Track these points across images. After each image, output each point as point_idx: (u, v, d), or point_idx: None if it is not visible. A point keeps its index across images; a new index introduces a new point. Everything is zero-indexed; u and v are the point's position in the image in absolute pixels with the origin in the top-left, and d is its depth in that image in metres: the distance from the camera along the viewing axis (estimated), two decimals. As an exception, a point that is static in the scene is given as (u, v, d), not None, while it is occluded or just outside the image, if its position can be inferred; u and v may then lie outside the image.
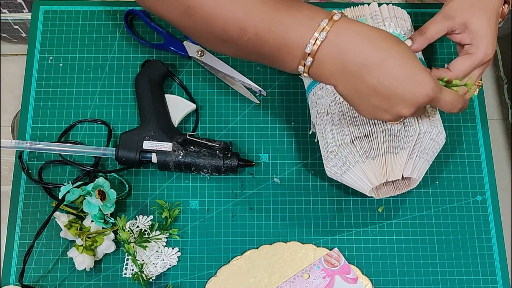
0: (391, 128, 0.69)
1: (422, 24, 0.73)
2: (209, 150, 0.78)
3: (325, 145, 0.74)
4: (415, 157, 0.71)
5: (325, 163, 0.75)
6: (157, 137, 0.78)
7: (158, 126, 0.79)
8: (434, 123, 0.71)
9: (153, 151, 0.78)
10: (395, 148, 0.70)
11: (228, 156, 0.78)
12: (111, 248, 0.76)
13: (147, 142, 0.78)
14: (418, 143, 0.70)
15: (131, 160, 0.78)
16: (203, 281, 0.77)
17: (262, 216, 0.80)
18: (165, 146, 0.78)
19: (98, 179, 0.76)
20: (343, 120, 0.71)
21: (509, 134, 1.62)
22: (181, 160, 0.77)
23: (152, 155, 0.78)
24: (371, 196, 0.74)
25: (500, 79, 1.69)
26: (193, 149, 0.78)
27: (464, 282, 0.78)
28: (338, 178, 0.75)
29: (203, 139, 0.79)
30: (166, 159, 0.77)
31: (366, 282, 0.77)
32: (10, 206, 0.80)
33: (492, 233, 0.81)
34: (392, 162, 0.71)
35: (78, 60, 0.87)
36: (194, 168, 0.78)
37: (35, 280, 0.76)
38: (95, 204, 0.74)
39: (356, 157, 0.71)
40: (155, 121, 0.79)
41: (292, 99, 0.86)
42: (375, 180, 0.71)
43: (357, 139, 0.70)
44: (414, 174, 0.72)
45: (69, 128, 0.83)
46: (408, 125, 0.69)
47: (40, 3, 0.90)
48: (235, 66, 0.87)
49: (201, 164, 0.78)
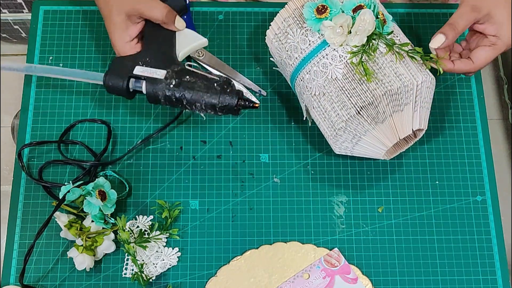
0: (391, 89, 0.70)
1: (421, 24, 0.73)
2: (206, 82, 0.68)
3: (330, 125, 0.74)
4: (419, 108, 0.72)
5: (333, 142, 0.75)
6: (153, 63, 0.70)
7: (157, 51, 0.70)
8: (424, 71, 0.73)
9: (143, 78, 0.69)
10: (399, 106, 0.71)
11: (227, 91, 0.68)
12: (111, 248, 0.76)
13: (140, 68, 0.69)
14: (418, 95, 0.72)
15: (118, 88, 0.69)
16: (203, 281, 0.77)
17: (262, 216, 0.80)
18: (158, 73, 0.68)
19: (98, 179, 0.76)
20: (342, 95, 0.72)
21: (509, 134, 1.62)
22: (172, 91, 0.68)
23: (142, 84, 0.70)
24: (383, 159, 0.75)
25: (500, 79, 1.69)
26: (187, 79, 0.68)
27: (464, 282, 0.78)
28: (349, 151, 0.76)
29: (203, 72, 0.70)
30: (156, 88, 0.68)
31: (366, 282, 0.77)
32: (10, 206, 0.80)
33: (492, 233, 0.81)
34: (400, 120, 0.72)
35: (78, 60, 0.87)
36: (186, 102, 0.68)
37: (35, 280, 0.76)
38: (96, 204, 0.74)
39: (365, 126, 0.71)
40: (155, 46, 0.71)
41: (292, 99, 0.86)
42: (388, 142, 0.72)
43: (363, 109, 0.70)
44: (422, 125, 0.73)
45: (69, 128, 0.83)
46: (405, 80, 0.70)
47: (40, 3, 0.90)
48: (235, 66, 0.87)
49: (193, 97, 0.68)
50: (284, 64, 0.78)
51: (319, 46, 0.73)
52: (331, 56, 0.72)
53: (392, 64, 0.71)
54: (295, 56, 0.75)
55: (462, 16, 0.72)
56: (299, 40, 0.74)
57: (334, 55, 0.72)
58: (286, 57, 0.76)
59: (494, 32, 0.72)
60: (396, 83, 0.70)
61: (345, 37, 0.71)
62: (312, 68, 0.74)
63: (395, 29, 0.75)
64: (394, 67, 0.71)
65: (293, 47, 0.75)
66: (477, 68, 0.72)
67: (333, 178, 0.82)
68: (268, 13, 0.90)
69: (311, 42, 0.73)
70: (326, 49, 0.72)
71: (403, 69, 0.71)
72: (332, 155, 0.83)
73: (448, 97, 0.87)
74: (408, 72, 0.71)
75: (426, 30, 0.90)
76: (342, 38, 0.71)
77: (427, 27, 0.90)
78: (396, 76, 0.70)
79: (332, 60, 0.72)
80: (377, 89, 0.70)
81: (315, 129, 0.84)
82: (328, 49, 0.72)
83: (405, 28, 0.89)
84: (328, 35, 0.72)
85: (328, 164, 0.83)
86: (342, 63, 0.71)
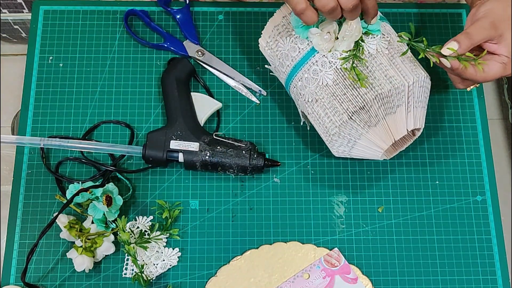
0: (381, 92, 0.70)
1: (421, 24, 0.73)
2: (236, 150, 0.78)
3: (325, 130, 0.74)
4: (412, 109, 0.72)
5: (330, 146, 0.75)
6: (184, 136, 0.79)
7: (185, 125, 0.79)
8: (417, 71, 0.72)
9: (180, 151, 0.78)
10: (392, 109, 0.71)
11: (254, 156, 0.78)
12: (110, 250, 0.76)
13: (174, 142, 0.78)
14: (410, 95, 0.71)
15: (158, 160, 0.78)
16: (203, 281, 0.77)
17: (262, 216, 0.80)
18: (192, 146, 0.78)
19: (108, 185, 0.76)
20: (333, 101, 0.72)
21: (509, 134, 1.62)
22: (208, 160, 0.78)
23: (179, 154, 0.78)
24: (383, 159, 0.75)
25: (500, 79, 1.68)
26: (219, 149, 0.78)
27: (464, 282, 0.78)
28: (347, 154, 0.76)
29: (229, 139, 0.79)
30: (193, 159, 0.78)
31: (366, 282, 0.77)
32: (10, 206, 0.80)
33: (492, 233, 0.81)
34: (394, 122, 0.72)
35: (78, 60, 0.87)
36: (221, 168, 0.78)
37: (36, 280, 0.77)
38: (101, 209, 0.74)
39: (359, 131, 0.72)
40: (182, 120, 0.79)
41: (292, 99, 0.86)
42: (384, 144, 0.72)
43: (355, 114, 0.70)
44: (417, 124, 0.73)
45: (93, 128, 0.83)
46: (395, 82, 0.70)
47: (40, 3, 0.90)
48: (235, 66, 0.87)
49: (227, 164, 0.78)
50: (278, 72, 0.79)
51: (309, 53, 0.73)
52: (321, 63, 0.72)
53: (382, 67, 0.71)
54: (286, 63, 0.75)
55: (482, 30, 0.69)
56: (289, 48, 0.75)
57: (323, 62, 0.72)
58: (279, 64, 0.77)
59: (506, 53, 0.70)
60: (387, 86, 0.70)
61: (333, 43, 0.71)
62: (303, 75, 0.74)
63: (386, 28, 0.74)
64: (384, 70, 0.71)
65: (284, 55, 0.75)
66: (485, 78, 0.70)
67: (333, 178, 0.82)
68: (268, 13, 0.90)
69: (300, 49, 0.74)
70: (316, 55, 0.72)
71: (394, 71, 0.71)
72: (332, 155, 0.83)
73: (448, 97, 0.87)
74: (398, 73, 0.71)
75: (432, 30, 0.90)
76: (330, 44, 0.71)
77: (434, 27, 0.90)
78: (386, 79, 0.70)
79: (322, 66, 0.72)
80: (367, 93, 0.70)
81: (315, 130, 0.84)
82: (317, 55, 0.72)
83: (404, 28, 0.89)
84: (316, 42, 0.72)
85: (328, 164, 0.83)
86: (332, 69, 0.72)
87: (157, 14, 0.90)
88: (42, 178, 0.81)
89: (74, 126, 0.84)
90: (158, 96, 0.86)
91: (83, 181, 0.79)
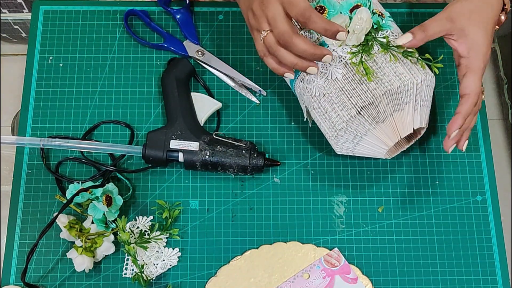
0: (391, 88, 0.70)
1: (415, 24, 0.73)
2: (236, 150, 0.78)
3: (331, 126, 0.74)
4: (419, 107, 0.72)
5: (335, 142, 0.75)
6: (184, 136, 0.79)
7: (185, 125, 0.79)
8: (425, 70, 0.72)
9: (180, 151, 0.78)
10: (400, 105, 0.71)
11: (254, 156, 0.79)
12: (110, 250, 0.76)
13: (174, 142, 0.78)
14: (418, 93, 0.72)
15: (158, 159, 0.78)
16: (203, 281, 0.77)
17: (262, 216, 0.80)
18: (192, 145, 0.78)
19: (108, 184, 0.76)
20: (342, 95, 0.71)
21: (509, 134, 1.62)
22: (208, 160, 0.78)
23: (179, 154, 0.78)
24: (385, 158, 0.75)
25: (500, 79, 1.69)
26: (219, 148, 0.78)
27: (464, 282, 0.78)
28: (350, 152, 0.76)
29: (229, 139, 0.79)
30: (193, 159, 0.78)
31: (366, 282, 0.77)
32: (10, 206, 0.80)
33: (492, 233, 0.81)
34: (401, 119, 0.72)
35: (78, 60, 0.87)
36: (221, 168, 0.79)
37: (36, 280, 0.76)
38: (101, 209, 0.74)
39: (366, 126, 0.71)
40: (182, 120, 0.80)
41: (292, 99, 0.86)
42: (390, 141, 0.72)
43: (363, 109, 0.70)
44: (422, 123, 0.74)
45: (93, 128, 0.83)
46: (405, 79, 0.70)
47: (40, 3, 0.90)
48: (235, 66, 0.87)
49: (227, 164, 0.78)
50: None
51: None
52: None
53: (391, 63, 0.71)
54: None
55: (436, 22, 0.71)
56: None
57: (333, 56, 0.72)
58: None
59: (466, 51, 0.70)
60: (396, 82, 0.70)
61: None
62: None
63: (393, 27, 0.75)
64: (394, 66, 0.71)
65: None
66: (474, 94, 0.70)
67: (333, 178, 0.82)
68: (268, 13, 0.90)
69: None
70: None
71: (403, 68, 0.71)
72: (332, 155, 0.83)
73: (448, 97, 0.87)
74: (407, 71, 0.71)
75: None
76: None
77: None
78: (395, 75, 0.70)
79: (332, 60, 0.72)
80: (377, 89, 0.70)
81: (315, 129, 0.84)
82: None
83: (405, 28, 0.89)
84: None
85: (328, 164, 0.83)
86: (341, 64, 0.71)
87: (157, 14, 0.90)
88: (42, 178, 0.81)
89: (74, 126, 0.84)
90: (158, 96, 0.86)
91: (83, 181, 0.79)
